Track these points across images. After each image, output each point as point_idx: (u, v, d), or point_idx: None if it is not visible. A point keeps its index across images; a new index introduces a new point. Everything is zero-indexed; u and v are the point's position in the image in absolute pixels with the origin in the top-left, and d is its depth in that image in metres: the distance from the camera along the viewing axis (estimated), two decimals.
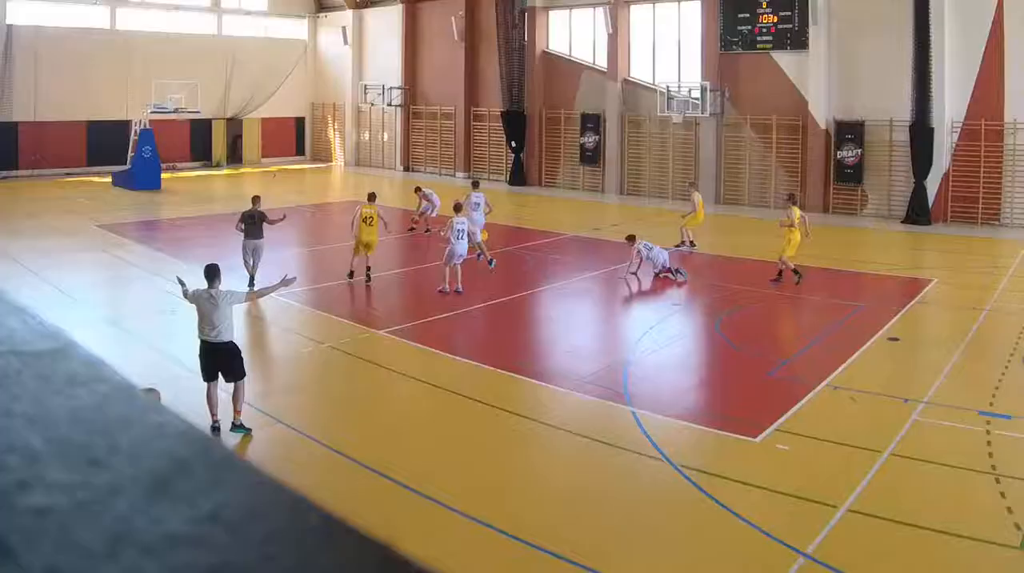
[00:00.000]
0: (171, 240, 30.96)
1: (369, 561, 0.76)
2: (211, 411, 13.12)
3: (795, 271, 23.80)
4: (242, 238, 23.03)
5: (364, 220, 23.46)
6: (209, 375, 13.30)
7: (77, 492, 0.75)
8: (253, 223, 22.88)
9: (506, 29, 48.99)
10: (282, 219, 23.36)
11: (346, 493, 11.11)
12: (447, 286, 22.27)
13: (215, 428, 12.98)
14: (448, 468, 12.28)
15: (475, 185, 30.05)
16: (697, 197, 29.94)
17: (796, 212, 24.43)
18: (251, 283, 21.54)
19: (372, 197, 24.50)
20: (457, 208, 23.10)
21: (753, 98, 41.32)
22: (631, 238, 24.92)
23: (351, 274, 23.98)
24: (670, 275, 24.44)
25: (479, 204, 27.99)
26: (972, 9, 34.67)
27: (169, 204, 41.01)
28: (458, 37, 52.91)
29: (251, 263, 22.85)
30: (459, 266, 22.20)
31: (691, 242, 29.51)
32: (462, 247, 22.24)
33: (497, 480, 12.08)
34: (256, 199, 23.76)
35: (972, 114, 35.11)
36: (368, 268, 23.90)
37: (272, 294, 16.67)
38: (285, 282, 14.82)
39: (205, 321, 13.29)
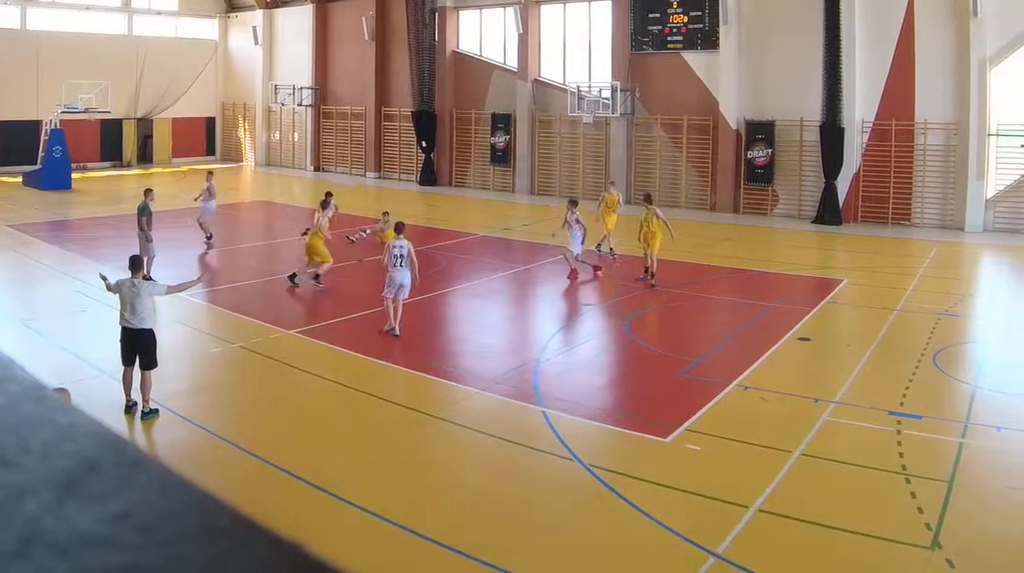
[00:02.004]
0: (82, 239, 29.97)
1: (281, 562, 0.67)
2: (126, 392, 13.46)
3: (648, 270, 23.01)
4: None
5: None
6: (128, 359, 13.51)
7: None
8: (139, 215, 22.89)
9: (416, 29, 47.49)
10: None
11: (257, 493, 10.80)
12: (393, 321, 18.41)
13: (130, 407, 13.36)
14: (359, 468, 12.07)
15: (209, 175, 29.60)
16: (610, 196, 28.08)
17: (646, 212, 23.58)
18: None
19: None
20: (399, 229, 19.05)
21: (664, 98, 40.19)
22: (573, 202, 24.99)
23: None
24: (581, 265, 24.01)
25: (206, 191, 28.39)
26: (882, 9, 33.93)
27: (80, 204, 39.78)
28: (369, 37, 51.22)
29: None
30: (400, 301, 18.39)
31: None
32: (401, 275, 18.27)
33: (408, 480, 11.73)
34: (147, 192, 23.30)
35: (883, 114, 34.41)
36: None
37: (184, 293, 17.23)
38: (202, 280, 15.74)
39: (127, 307, 13.54)
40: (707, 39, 38.59)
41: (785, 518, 10.27)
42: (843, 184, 34.98)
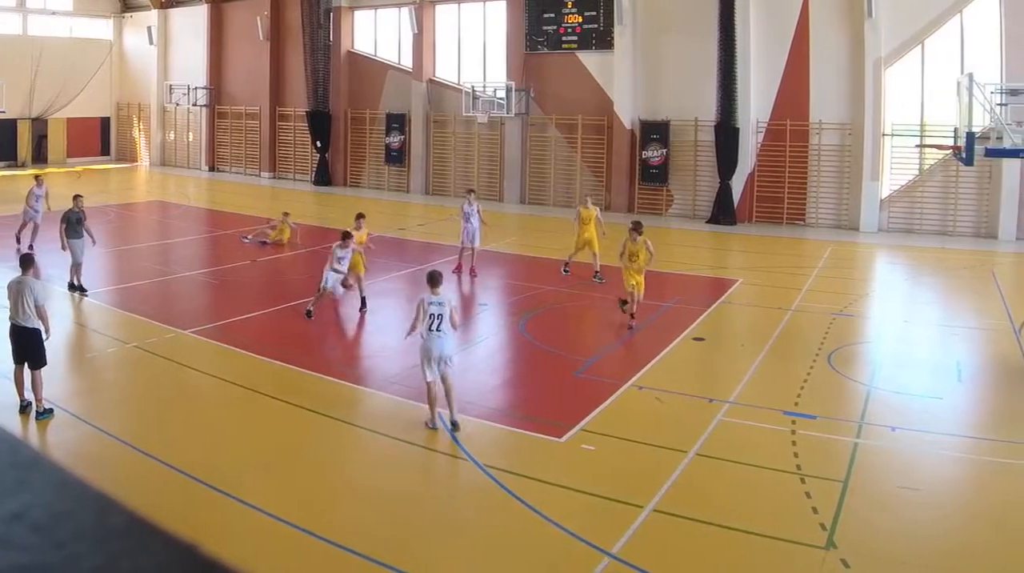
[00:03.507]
0: None
1: (175, 562, 0.68)
2: (18, 391, 12.81)
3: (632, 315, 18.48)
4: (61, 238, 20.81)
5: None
6: (17, 358, 12.86)
7: None
8: (75, 223, 20.68)
9: (311, 29, 44.55)
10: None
11: (152, 494, 10.13)
12: (433, 419, 12.54)
13: (24, 407, 12.70)
14: (254, 468, 11.27)
15: (38, 180, 26.74)
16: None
17: (633, 245, 18.58)
18: (80, 288, 20.36)
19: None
20: (435, 281, 12.81)
21: (558, 98, 37.79)
22: (470, 191, 24.41)
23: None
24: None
25: (40, 197, 25.81)
26: (777, 10, 32.17)
27: None
28: (263, 37, 47.89)
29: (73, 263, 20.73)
30: (450, 378, 12.68)
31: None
32: (441, 344, 12.55)
33: (303, 480, 11.01)
34: (77, 198, 21.28)
35: (777, 114, 32.58)
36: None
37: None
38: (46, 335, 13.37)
39: (13, 305, 12.92)
40: (602, 39, 36.31)
41: (680, 518, 9.77)
42: (738, 184, 33.12)
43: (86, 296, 19.96)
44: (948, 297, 22.87)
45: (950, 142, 26.70)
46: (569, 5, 37.19)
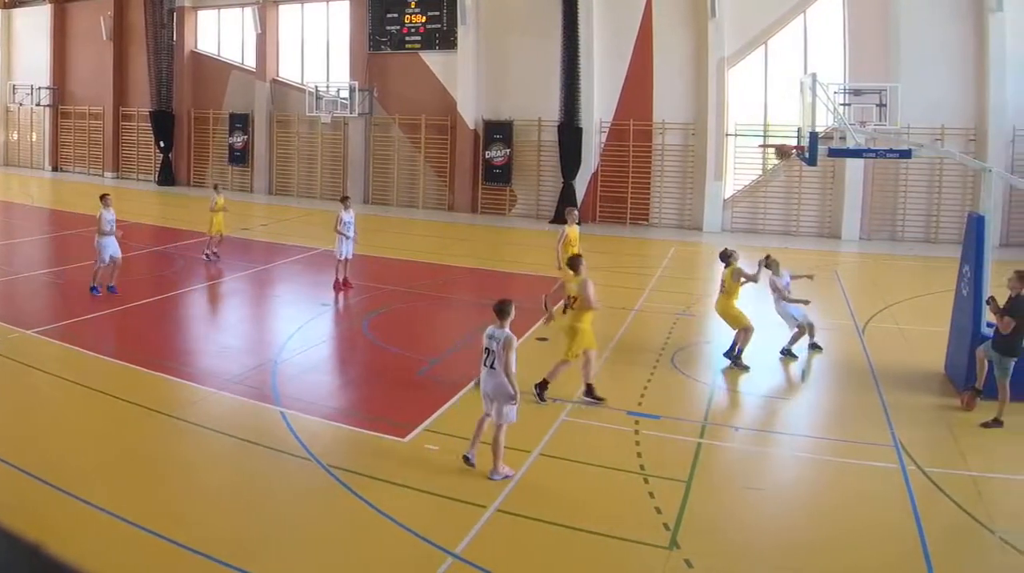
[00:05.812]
0: None
1: (19, 562, 0.69)
2: None
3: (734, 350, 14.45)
4: None
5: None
6: None
7: None
8: None
9: (154, 29, 38.63)
10: None
11: None
12: (473, 449, 9.75)
13: None
14: (97, 468, 9.67)
15: (106, 201, 20.12)
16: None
17: (725, 270, 14.57)
18: None
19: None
20: (503, 311, 9.43)
21: (402, 98, 33.02)
22: (346, 198, 20.93)
23: None
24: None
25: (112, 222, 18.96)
26: (620, 10, 28.29)
27: None
28: (107, 37, 41.38)
29: None
30: (503, 423, 9.64)
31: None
32: (489, 382, 9.52)
33: (146, 480, 9.45)
34: None
35: (621, 114, 28.59)
36: None
37: None
38: None
39: None
40: (445, 39, 31.82)
41: (524, 518, 8.68)
42: (581, 184, 29.08)
43: None
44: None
45: (793, 142, 24.12)
46: (412, 5, 32.51)
